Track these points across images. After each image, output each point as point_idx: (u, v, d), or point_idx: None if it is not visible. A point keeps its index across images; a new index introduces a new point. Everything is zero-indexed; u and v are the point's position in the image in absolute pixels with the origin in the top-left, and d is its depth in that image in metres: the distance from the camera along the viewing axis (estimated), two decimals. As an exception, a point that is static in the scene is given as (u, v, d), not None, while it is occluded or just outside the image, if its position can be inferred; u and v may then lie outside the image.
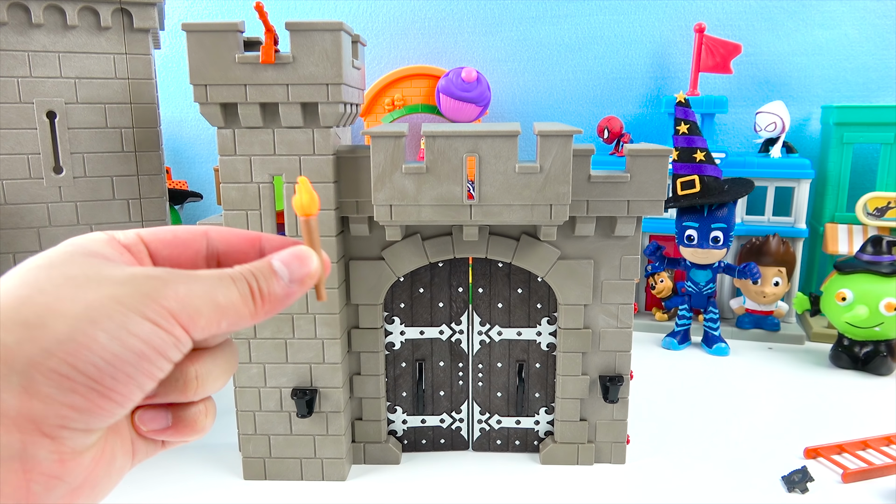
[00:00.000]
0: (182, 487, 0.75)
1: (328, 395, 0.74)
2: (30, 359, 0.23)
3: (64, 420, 0.23)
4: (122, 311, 0.25)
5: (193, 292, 0.27)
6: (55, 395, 0.23)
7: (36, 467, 0.23)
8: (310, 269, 0.30)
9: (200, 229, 0.33)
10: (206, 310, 0.27)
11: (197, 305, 0.26)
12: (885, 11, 1.33)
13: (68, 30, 0.75)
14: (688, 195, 1.10)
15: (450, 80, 1.27)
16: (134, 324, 0.25)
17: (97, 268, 0.27)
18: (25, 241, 0.77)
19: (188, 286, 0.27)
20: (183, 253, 0.32)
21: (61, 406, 0.23)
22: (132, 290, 0.25)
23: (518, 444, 0.82)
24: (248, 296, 0.29)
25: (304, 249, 0.31)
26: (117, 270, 0.27)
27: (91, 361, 0.24)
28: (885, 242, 1.06)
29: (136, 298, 0.25)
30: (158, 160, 0.82)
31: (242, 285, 0.29)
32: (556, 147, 0.64)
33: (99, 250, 0.28)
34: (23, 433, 0.23)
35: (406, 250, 0.74)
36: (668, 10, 1.38)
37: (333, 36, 0.64)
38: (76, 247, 0.28)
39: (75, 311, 0.24)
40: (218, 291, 0.28)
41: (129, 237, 0.31)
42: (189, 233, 0.33)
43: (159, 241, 0.32)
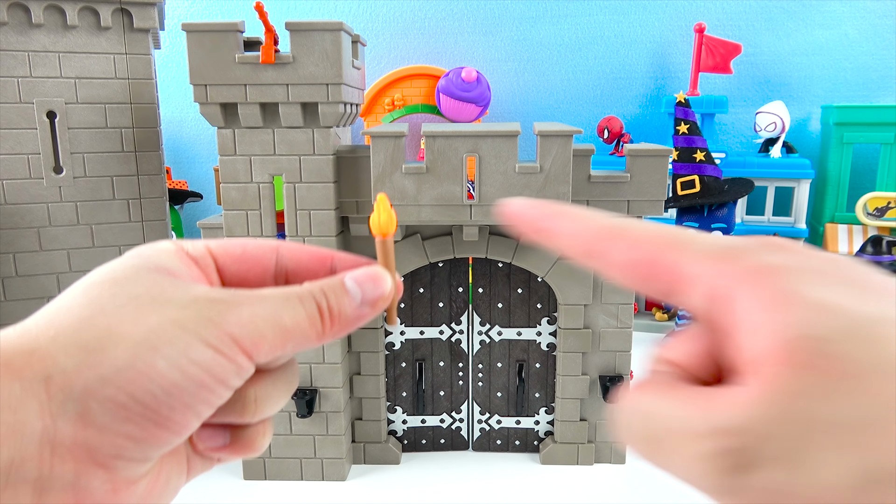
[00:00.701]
0: (182, 487, 0.75)
1: (328, 395, 0.74)
2: (87, 386, 0.23)
3: (119, 450, 0.23)
4: (184, 338, 0.24)
5: (258, 315, 0.26)
6: (111, 425, 0.23)
7: (88, 497, 0.22)
8: (384, 291, 0.29)
9: (271, 245, 0.31)
10: (270, 334, 0.26)
11: (261, 329, 0.25)
12: (885, 11, 1.33)
13: (68, 30, 0.75)
14: (688, 195, 1.10)
15: (450, 80, 1.27)
16: (195, 351, 0.24)
17: (161, 286, 0.26)
18: (25, 241, 0.77)
19: (252, 309, 0.26)
20: (251, 269, 0.31)
21: (116, 436, 0.23)
22: (195, 315, 0.24)
23: (518, 444, 0.82)
24: (315, 316, 0.27)
25: (379, 270, 0.29)
26: (182, 291, 0.26)
27: (149, 390, 0.23)
28: (885, 242, 1.06)
29: (199, 323, 0.24)
30: (158, 160, 0.82)
31: (311, 305, 0.27)
32: (556, 147, 0.64)
33: (166, 264, 0.27)
34: (77, 462, 0.22)
35: (406, 250, 0.74)
36: (668, 10, 1.38)
37: (333, 36, 0.64)
38: (143, 260, 0.27)
39: (136, 336, 0.23)
40: (284, 313, 0.26)
41: (197, 249, 0.29)
42: (259, 248, 0.31)
43: (228, 255, 0.31)
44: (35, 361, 0.23)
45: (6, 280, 0.77)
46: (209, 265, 0.30)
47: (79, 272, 0.79)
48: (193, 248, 0.29)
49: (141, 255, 0.27)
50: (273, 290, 0.27)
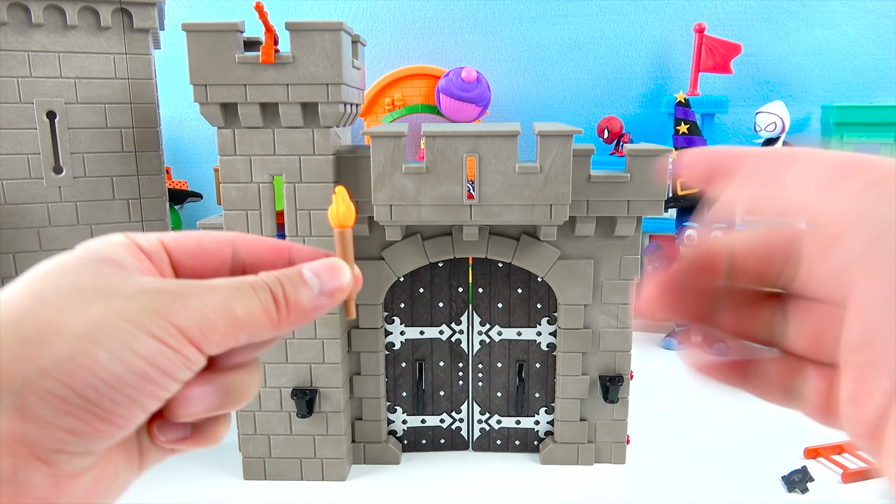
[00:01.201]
0: (182, 487, 0.75)
1: (328, 395, 0.74)
2: (25, 379, 0.22)
3: (60, 444, 0.22)
4: (128, 329, 0.23)
5: (207, 305, 0.25)
6: (50, 418, 0.22)
7: (28, 492, 0.22)
8: (342, 282, 0.29)
9: (227, 237, 0.31)
10: (221, 324, 0.25)
11: (211, 320, 0.25)
12: (885, 11, 1.33)
13: (68, 30, 0.75)
14: (688, 195, 1.10)
15: (450, 80, 1.27)
16: (140, 343, 0.23)
17: (108, 278, 0.25)
18: (25, 241, 0.77)
19: (201, 299, 0.25)
20: (207, 262, 0.30)
21: (56, 429, 0.22)
22: (140, 306, 0.24)
23: (518, 444, 0.82)
24: (270, 305, 0.27)
25: (337, 261, 0.30)
26: (128, 283, 0.25)
27: (90, 383, 0.22)
28: (885, 242, 1.06)
29: (144, 315, 0.24)
30: (158, 160, 0.82)
31: (265, 294, 0.27)
32: (556, 147, 0.64)
33: (114, 256, 0.26)
34: (15, 457, 0.22)
35: (406, 250, 0.74)
36: (668, 10, 1.38)
37: (333, 36, 0.64)
38: (91, 252, 0.26)
39: (78, 328, 0.23)
40: (235, 302, 0.26)
41: (150, 242, 0.29)
42: (214, 241, 0.31)
43: (183, 248, 0.30)
44: None
45: (6, 280, 0.77)
46: (163, 259, 0.29)
47: (79, 272, 0.79)
48: (146, 240, 0.28)
49: (89, 248, 0.27)
50: (225, 280, 0.27)
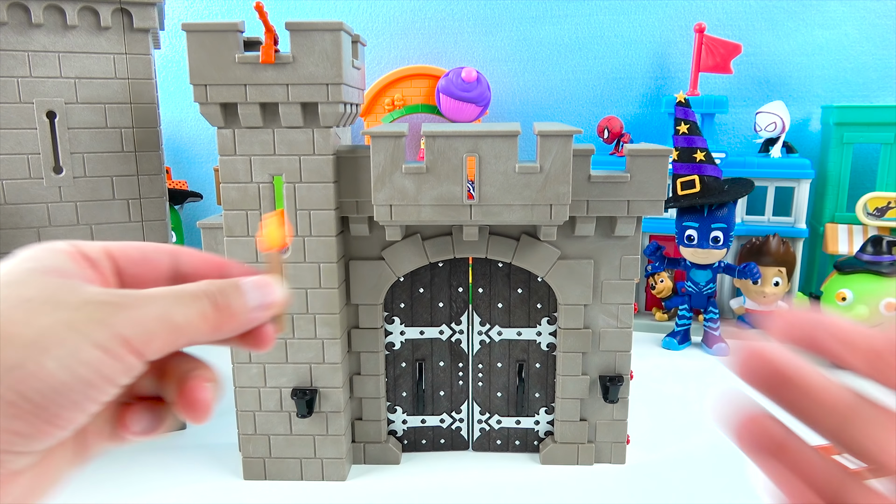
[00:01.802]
0: (182, 487, 0.75)
1: (328, 395, 0.74)
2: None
3: (7, 445, 0.23)
4: (74, 339, 0.24)
5: (148, 315, 0.26)
6: (7, 425, 0.23)
7: None
8: (275, 298, 0.31)
9: (168, 248, 0.33)
10: (161, 332, 0.27)
11: (151, 329, 0.26)
12: (885, 11, 1.33)
13: (68, 30, 0.75)
14: (688, 195, 1.10)
15: (450, 80, 1.27)
16: (84, 352, 0.24)
17: (53, 289, 0.26)
18: (25, 241, 0.77)
19: (142, 310, 0.26)
20: (150, 272, 0.32)
21: (4, 432, 0.23)
22: (85, 317, 0.25)
23: (518, 444, 0.82)
24: (209, 313, 0.29)
25: (270, 279, 0.32)
26: (73, 294, 0.26)
27: (38, 389, 0.24)
28: (885, 242, 1.06)
29: (89, 325, 0.25)
30: (158, 160, 0.82)
31: (203, 302, 0.29)
32: (556, 147, 0.64)
33: (59, 266, 0.28)
34: None
35: (406, 250, 0.74)
36: (668, 10, 1.38)
37: (333, 36, 0.64)
38: (35, 263, 0.27)
39: (27, 337, 0.24)
40: (175, 311, 0.27)
41: (95, 250, 0.30)
42: (157, 251, 0.33)
43: (127, 257, 0.32)
44: None
45: (6, 280, 0.77)
46: (106, 266, 0.30)
47: (79, 272, 0.79)
48: (91, 249, 0.30)
49: (34, 258, 0.28)
50: (165, 290, 0.28)
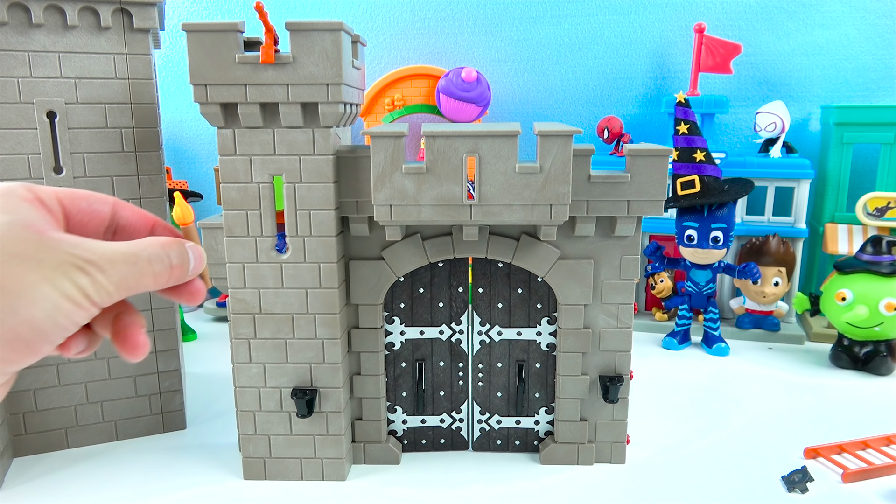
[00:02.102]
0: (182, 487, 0.75)
1: (328, 395, 0.74)
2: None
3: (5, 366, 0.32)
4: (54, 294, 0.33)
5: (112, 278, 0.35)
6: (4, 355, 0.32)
7: None
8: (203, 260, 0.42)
9: (110, 200, 0.41)
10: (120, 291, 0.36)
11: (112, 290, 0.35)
12: (885, 11, 1.33)
13: (68, 30, 0.75)
14: (688, 195, 1.10)
15: (450, 80, 1.27)
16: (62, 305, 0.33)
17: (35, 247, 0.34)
18: (25, 241, 0.77)
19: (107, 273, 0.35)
20: (92, 219, 0.40)
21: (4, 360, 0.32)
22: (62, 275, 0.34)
23: (518, 444, 0.82)
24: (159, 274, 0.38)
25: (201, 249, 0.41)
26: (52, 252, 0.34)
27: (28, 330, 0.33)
28: (885, 242, 1.06)
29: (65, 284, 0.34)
30: (158, 160, 0.82)
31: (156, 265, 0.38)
32: (556, 147, 0.64)
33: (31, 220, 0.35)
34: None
35: (406, 250, 0.74)
36: (668, 10, 1.38)
37: (333, 36, 0.64)
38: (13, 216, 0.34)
39: (20, 290, 0.32)
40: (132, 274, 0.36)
41: (49, 197, 0.37)
42: (100, 202, 0.40)
43: (75, 206, 0.39)
44: None
45: (6, 280, 0.77)
46: (57, 211, 0.38)
47: (79, 272, 0.79)
48: (45, 194, 0.37)
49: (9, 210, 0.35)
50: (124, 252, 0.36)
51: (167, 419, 0.88)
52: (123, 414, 0.86)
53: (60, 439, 0.83)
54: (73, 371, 0.82)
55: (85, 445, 0.85)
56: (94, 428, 0.85)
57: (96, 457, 0.82)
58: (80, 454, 0.83)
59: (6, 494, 0.74)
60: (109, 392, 0.84)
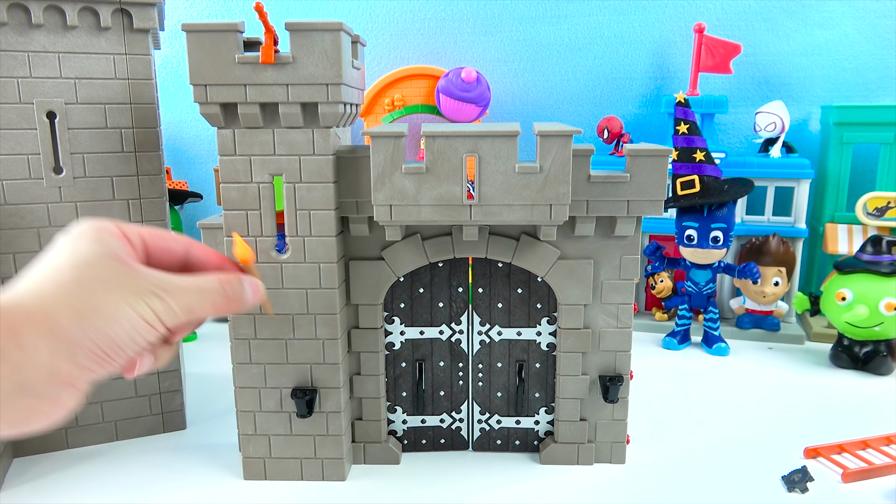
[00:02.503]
0: (182, 487, 0.75)
1: (328, 395, 0.74)
2: (78, 340, 0.37)
3: (85, 377, 0.38)
4: (133, 316, 0.40)
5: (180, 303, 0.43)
6: (86, 364, 0.38)
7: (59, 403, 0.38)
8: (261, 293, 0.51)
9: (184, 240, 0.50)
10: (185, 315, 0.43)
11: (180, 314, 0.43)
12: (885, 11, 1.33)
13: (68, 30, 0.75)
14: (688, 195, 1.10)
15: (450, 80, 1.27)
16: (139, 325, 0.40)
17: (120, 275, 0.41)
18: (25, 241, 0.77)
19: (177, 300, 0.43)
20: (168, 257, 0.48)
21: (87, 370, 0.38)
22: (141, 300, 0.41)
23: (518, 444, 0.82)
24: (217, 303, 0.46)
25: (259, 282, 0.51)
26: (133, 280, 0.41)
27: (109, 345, 0.39)
28: (885, 242, 1.06)
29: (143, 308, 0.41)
30: (158, 160, 0.82)
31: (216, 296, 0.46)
32: (555, 147, 0.64)
33: (117, 251, 0.42)
34: (60, 385, 0.37)
35: (406, 250, 0.74)
36: (668, 10, 1.38)
37: (333, 36, 0.64)
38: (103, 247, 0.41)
39: (106, 311, 0.39)
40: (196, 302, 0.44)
41: (133, 234, 0.45)
42: (176, 242, 0.49)
43: (155, 244, 0.47)
44: (48, 320, 0.37)
45: (6, 280, 0.77)
46: (139, 247, 0.45)
47: (79, 272, 0.79)
48: (130, 231, 0.45)
49: (100, 241, 0.42)
50: (191, 283, 0.44)
51: (167, 419, 0.88)
52: (123, 414, 0.86)
53: (60, 439, 0.83)
54: (73, 371, 0.82)
55: (85, 445, 0.85)
56: (94, 428, 0.85)
57: (96, 457, 0.82)
58: (80, 454, 0.83)
59: (6, 494, 0.74)
60: (109, 392, 0.84)
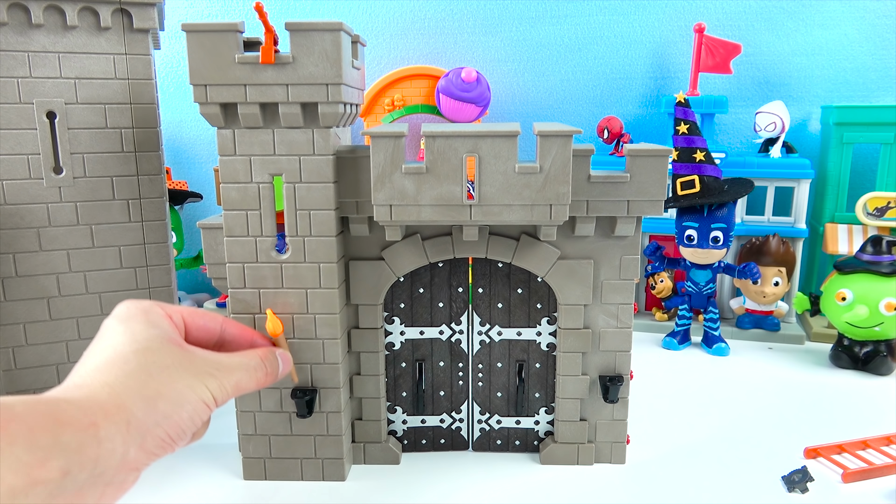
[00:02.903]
0: (182, 487, 0.75)
1: (328, 395, 0.74)
2: (147, 428, 0.40)
3: (150, 459, 0.40)
4: (195, 400, 0.43)
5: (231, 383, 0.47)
6: (152, 449, 0.40)
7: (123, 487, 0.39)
8: (290, 364, 0.62)
9: (219, 319, 0.56)
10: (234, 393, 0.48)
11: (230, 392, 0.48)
12: (885, 11, 1.33)
13: (68, 30, 0.75)
14: (688, 195, 1.10)
15: (450, 80, 1.27)
16: (199, 408, 0.43)
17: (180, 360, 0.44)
18: (25, 241, 0.77)
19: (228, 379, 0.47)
20: (206, 335, 0.53)
21: (152, 455, 0.40)
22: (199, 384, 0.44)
23: (518, 444, 0.82)
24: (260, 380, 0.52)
25: (286, 352, 0.60)
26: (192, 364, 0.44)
27: (176, 430, 0.41)
28: (885, 242, 1.06)
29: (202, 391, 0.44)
30: (158, 161, 0.82)
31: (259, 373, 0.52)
32: (555, 147, 0.64)
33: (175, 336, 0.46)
34: (130, 471, 0.39)
35: (406, 250, 0.74)
36: (668, 10, 1.38)
37: (333, 36, 0.64)
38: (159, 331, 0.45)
39: (172, 397, 0.41)
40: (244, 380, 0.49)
41: (176, 315, 0.50)
42: (213, 321, 0.55)
43: (193, 322, 0.52)
44: (123, 411, 0.39)
45: (6, 280, 0.77)
46: (181, 326, 0.50)
47: (79, 272, 0.79)
48: (173, 312, 0.49)
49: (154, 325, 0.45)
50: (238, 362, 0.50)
51: (167, 419, 0.88)
52: (123, 414, 0.86)
53: (60, 439, 0.83)
54: (73, 371, 0.82)
55: (85, 445, 0.85)
56: (94, 428, 0.85)
57: (96, 457, 0.82)
58: (80, 454, 0.83)
59: (6, 495, 0.74)
60: (109, 392, 0.84)
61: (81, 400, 0.38)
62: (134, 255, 0.82)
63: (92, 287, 0.80)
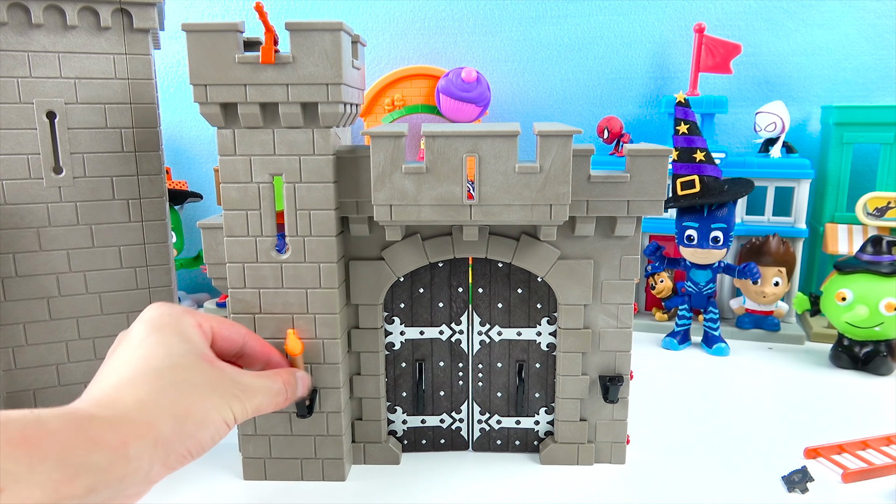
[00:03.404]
0: (182, 487, 0.75)
1: (328, 395, 0.74)
2: (173, 445, 0.41)
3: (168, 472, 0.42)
4: (218, 419, 0.44)
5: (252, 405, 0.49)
6: (173, 465, 0.41)
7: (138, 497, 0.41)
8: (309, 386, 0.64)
9: (242, 332, 0.57)
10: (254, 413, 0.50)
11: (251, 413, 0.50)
12: (885, 11, 1.33)
13: (68, 30, 0.75)
14: (688, 195, 1.10)
15: (450, 80, 1.27)
16: (221, 427, 0.45)
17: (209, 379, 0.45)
18: (25, 241, 0.77)
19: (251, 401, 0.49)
20: (229, 346, 0.55)
21: (171, 470, 0.42)
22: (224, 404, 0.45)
23: (518, 445, 0.82)
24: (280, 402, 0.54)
25: (304, 372, 0.63)
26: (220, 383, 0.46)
27: (197, 448, 0.43)
28: (885, 242, 1.06)
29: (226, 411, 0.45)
30: (158, 160, 0.82)
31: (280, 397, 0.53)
32: (555, 147, 0.64)
33: (206, 352, 0.47)
34: (149, 484, 0.40)
35: (406, 250, 0.74)
36: (668, 10, 1.38)
37: (333, 36, 0.64)
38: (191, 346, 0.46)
39: (198, 416, 0.43)
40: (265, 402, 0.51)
41: (206, 326, 0.51)
42: (238, 334, 0.57)
43: (220, 334, 0.54)
44: (152, 430, 0.40)
45: (6, 280, 0.77)
46: (209, 336, 0.51)
47: (78, 272, 0.79)
48: (204, 323, 0.51)
49: (187, 339, 0.47)
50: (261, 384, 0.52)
51: (167, 419, 0.88)
52: (123, 414, 0.86)
53: (60, 439, 0.83)
54: (74, 371, 0.82)
55: (85, 445, 0.85)
56: (94, 428, 0.85)
57: (96, 457, 0.82)
58: (80, 454, 0.83)
59: (6, 494, 0.74)
60: (109, 392, 0.84)
61: (114, 418, 0.39)
62: (134, 255, 0.82)
63: (92, 287, 0.80)
